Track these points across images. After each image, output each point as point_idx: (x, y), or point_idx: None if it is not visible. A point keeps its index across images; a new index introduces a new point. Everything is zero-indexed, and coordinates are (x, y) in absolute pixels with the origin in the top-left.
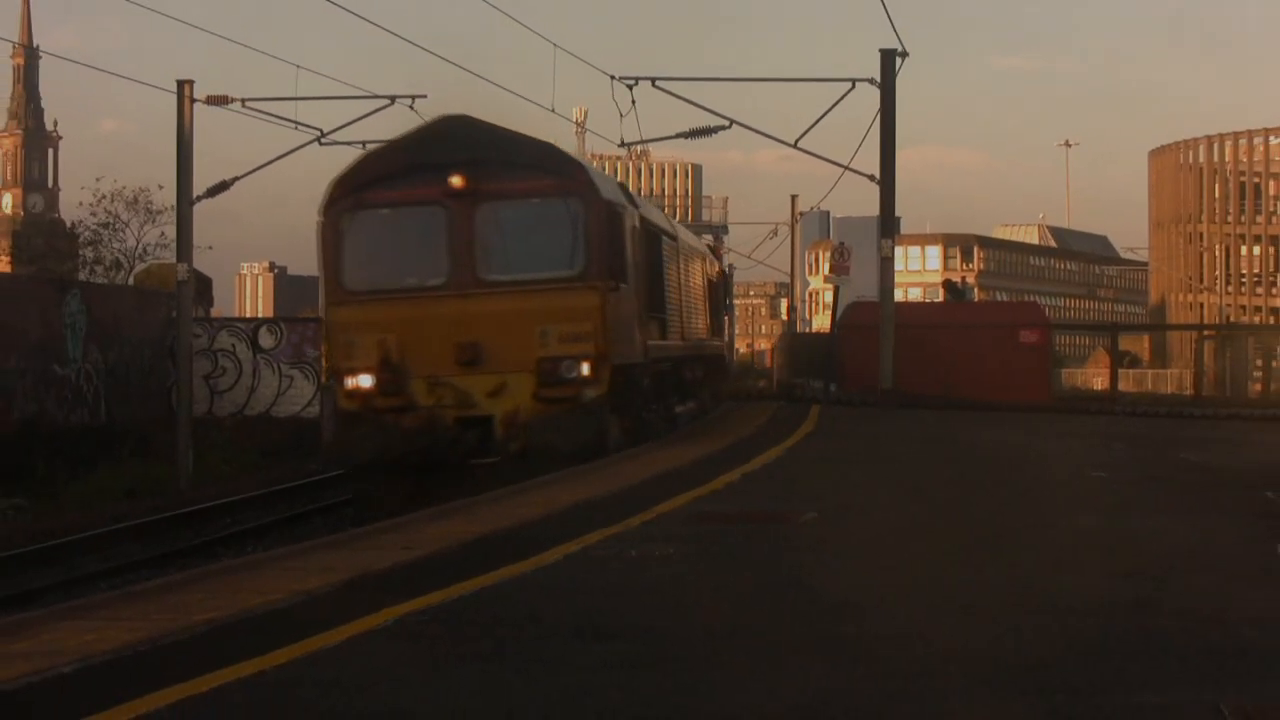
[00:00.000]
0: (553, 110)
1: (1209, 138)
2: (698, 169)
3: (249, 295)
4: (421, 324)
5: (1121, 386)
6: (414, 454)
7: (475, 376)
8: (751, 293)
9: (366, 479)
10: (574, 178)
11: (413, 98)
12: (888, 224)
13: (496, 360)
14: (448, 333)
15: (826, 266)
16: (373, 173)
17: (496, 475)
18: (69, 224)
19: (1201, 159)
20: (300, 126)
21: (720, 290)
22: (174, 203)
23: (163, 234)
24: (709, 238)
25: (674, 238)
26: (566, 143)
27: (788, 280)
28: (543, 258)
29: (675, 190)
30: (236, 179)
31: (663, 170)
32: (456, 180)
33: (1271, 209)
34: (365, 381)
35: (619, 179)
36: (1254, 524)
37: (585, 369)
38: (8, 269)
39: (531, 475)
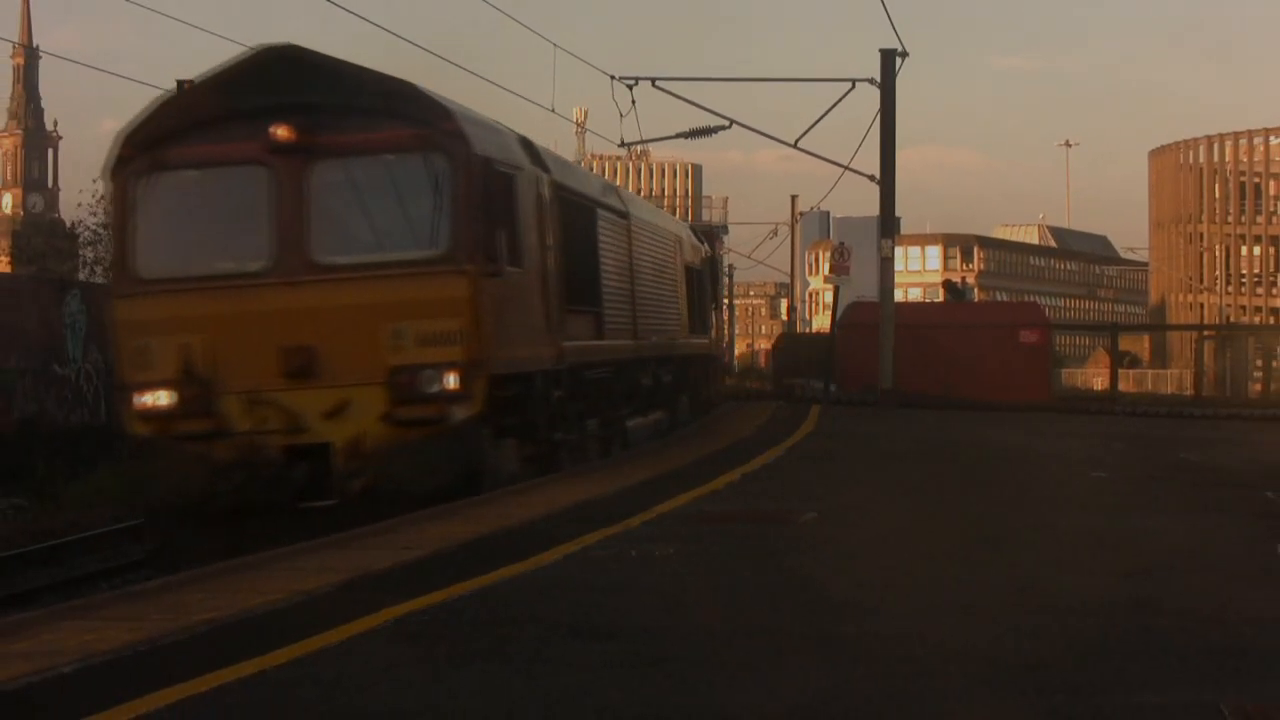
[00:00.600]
0: (553, 110)
1: (1209, 138)
2: (698, 169)
3: None
4: (237, 322)
5: (1121, 386)
6: (226, 494)
7: (308, 392)
8: (751, 293)
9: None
10: (437, 126)
11: None
12: (888, 224)
13: (336, 370)
14: (272, 334)
15: (826, 266)
16: (175, 122)
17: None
18: (69, 224)
19: (1201, 159)
20: None
21: (705, 280)
22: None
23: None
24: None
25: (622, 214)
26: (566, 143)
27: (788, 280)
28: (397, 233)
29: (675, 190)
30: None
31: (663, 170)
32: (283, 131)
33: (1271, 209)
34: (162, 399)
35: (617, 179)
36: (1254, 524)
37: (452, 380)
38: (8, 269)
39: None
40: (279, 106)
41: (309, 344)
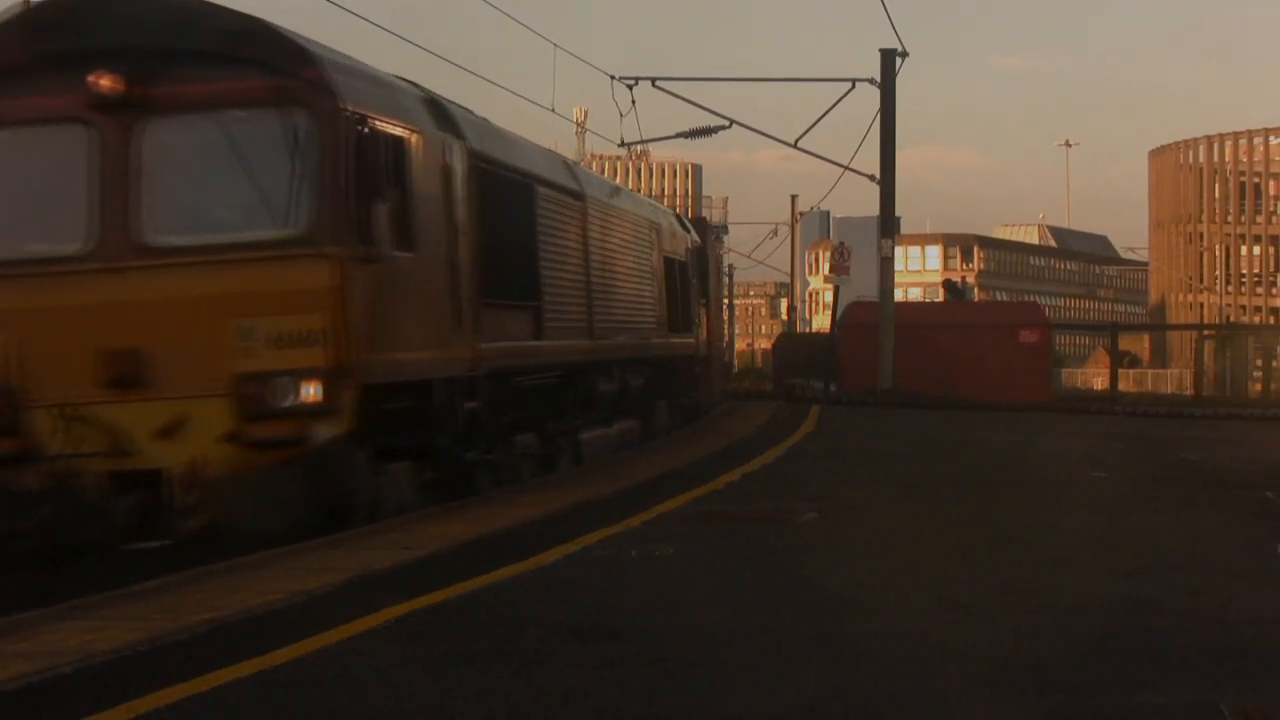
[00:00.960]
0: (553, 110)
1: (1209, 138)
2: (698, 169)
3: None
4: (48, 319)
5: (1121, 386)
6: (32, 533)
7: (136, 405)
8: (751, 293)
9: None
10: (297, 74)
11: None
12: (888, 224)
13: (170, 378)
14: (91, 333)
15: (826, 266)
16: None
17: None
18: None
19: (1201, 159)
20: None
21: (690, 272)
22: None
23: None
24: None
25: (575, 195)
26: (567, 143)
27: (788, 280)
28: (246, 208)
29: (675, 190)
30: None
31: (663, 170)
32: (106, 81)
33: (1271, 209)
34: None
35: (617, 178)
36: (1254, 524)
37: (313, 391)
38: None
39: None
40: (101, 51)
41: (137, 346)
